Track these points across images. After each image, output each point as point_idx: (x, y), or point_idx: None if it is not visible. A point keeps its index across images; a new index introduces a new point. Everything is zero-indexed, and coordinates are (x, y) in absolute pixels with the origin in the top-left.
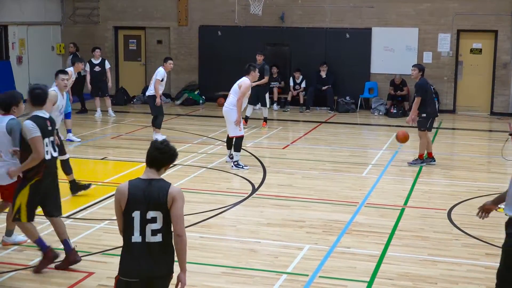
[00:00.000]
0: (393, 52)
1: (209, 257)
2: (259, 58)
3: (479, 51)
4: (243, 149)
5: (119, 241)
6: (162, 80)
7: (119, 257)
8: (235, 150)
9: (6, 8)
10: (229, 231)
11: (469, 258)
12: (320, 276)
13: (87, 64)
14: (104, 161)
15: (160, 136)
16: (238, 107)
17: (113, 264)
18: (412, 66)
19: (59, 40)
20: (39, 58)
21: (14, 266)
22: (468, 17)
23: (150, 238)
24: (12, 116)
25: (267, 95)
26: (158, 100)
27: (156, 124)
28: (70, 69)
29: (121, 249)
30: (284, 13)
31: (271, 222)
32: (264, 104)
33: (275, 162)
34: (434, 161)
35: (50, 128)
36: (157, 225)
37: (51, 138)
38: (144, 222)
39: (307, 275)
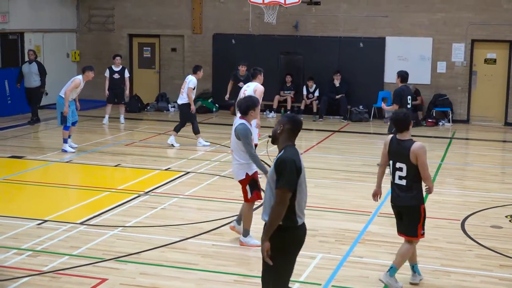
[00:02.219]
0: (407, 62)
1: (222, 265)
2: (242, 68)
3: (494, 61)
4: None
5: (131, 247)
6: (194, 89)
7: (132, 264)
8: None
9: (22, 15)
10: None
11: (482, 269)
12: (332, 286)
13: (107, 70)
14: (118, 168)
15: (203, 142)
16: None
17: (125, 271)
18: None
19: (74, 47)
20: (54, 65)
21: (28, 271)
22: (482, 27)
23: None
24: (243, 121)
25: None
26: (192, 107)
27: (194, 129)
28: (79, 77)
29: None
30: (298, 22)
31: None
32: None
33: None
34: None
35: None
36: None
37: None
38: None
39: (320, 284)
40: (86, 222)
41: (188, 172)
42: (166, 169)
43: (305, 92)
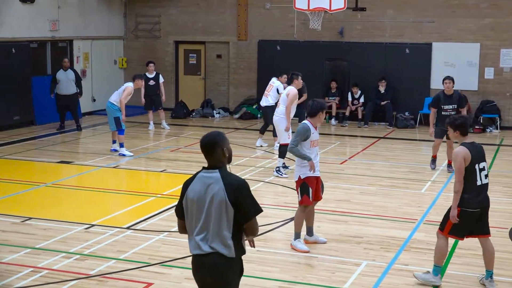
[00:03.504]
0: (454, 68)
1: (266, 271)
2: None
3: None
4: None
5: (177, 252)
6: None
7: (177, 269)
8: (279, 157)
9: (71, 23)
10: (286, 245)
11: None
12: None
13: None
14: (163, 173)
15: (260, 142)
16: (287, 115)
17: (171, 275)
18: (447, 79)
19: (122, 54)
20: (102, 71)
21: (76, 275)
22: None
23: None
24: (305, 121)
25: None
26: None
27: (263, 129)
28: (131, 85)
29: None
30: (343, 28)
31: (328, 237)
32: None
33: (332, 177)
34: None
35: None
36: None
37: None
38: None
39: None
40: (132, 227)
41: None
42: None
43: (350, 98)
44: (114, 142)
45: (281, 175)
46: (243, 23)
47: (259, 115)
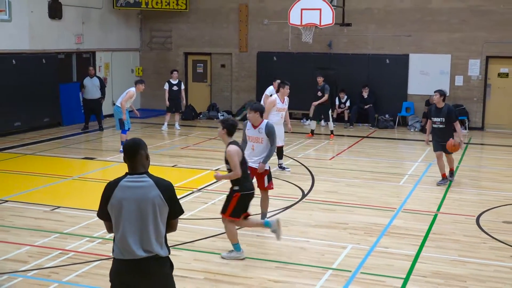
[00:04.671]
0: (428, 76)
1: (265, 253)
2: (320, 79)
3: (506, 75)
4: (294, 159)
5: (186, 237)
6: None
7: (187, 251)
8: (278, 158)
9: (94, 37)
10: (282, 230)
11: (496, 259)
12: (361, 272)
13: (166, 84)
14: (175, 168)
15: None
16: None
17: (181, 257)
18: (435, 92)
19: (138, 64)
20: (120, 79)
21: (99, 256)
22: (496, 45)
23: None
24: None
25: (329, 112)
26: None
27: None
28: (133, 89)
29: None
30: (332, 41)
31: (318, 224)
32: (327, 119)
33: (322, 171)
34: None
35: None
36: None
37: None
38: None
39: (350, 271)
40: None
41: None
42: (216, 169)
43: (337, 103)
44: (122, 143)
45: (285, 169)
46: (244, 37)
47: None
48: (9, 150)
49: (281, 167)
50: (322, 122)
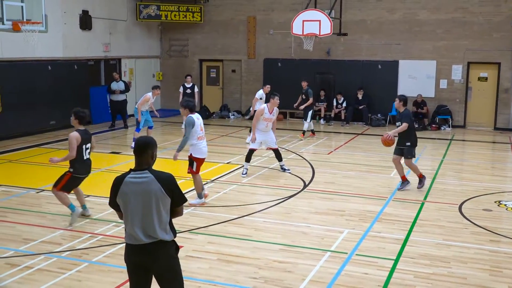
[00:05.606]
0: (415, 80)
1: (270, 237)
2: (304, 84)
3: (485, 79)
4: (297, 154)
5: (201, 222)
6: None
7: (201, 235)
8: (278, 160)
9: (120, 46)
10: (286, 217)
11: (476, 243)
12: (356, 254)
13: (181, 87)
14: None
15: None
16: (252, 128)
17: (196, 240)
18: (396, 98)
19: (158, 69)
20: (143, 83)
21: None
22: (476, 52)
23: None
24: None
25: (309, 112)
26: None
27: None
28: (149, 94)
29: (210, 227)
30: (330, 48)
31: (318, 211)
32: (305, 119)
33: (321, 164)
34: (409, 184)
35: None
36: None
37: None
38: None
39: (346, 253)
40: None
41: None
42: (227, 163)
43: (335, 103)
44: (134, 139)
45: (286, 170)
46: (252, 45)
47: None
48: (45, 145)
49: (282, 169)
50: (322, 121)
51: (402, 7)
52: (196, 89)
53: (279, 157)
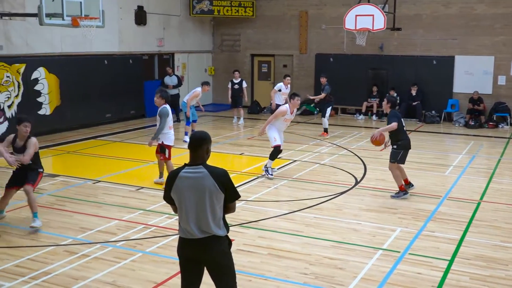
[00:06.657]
0: (472, 76)
1: (321, 233)
2: (323, 80)
3: None
4: (348, 150)
5: (252, 217)
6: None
7: (252, 229)
8: (269, 158)
9: (173, 41)
10: (337, 213)
11: None
12: (409, 253)
13: (229, 83)
14: (241, 156)
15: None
16: (265, 124)
17: (247, 234)
18: (385, 98)
19: (210, 64)
20: (196, 77)
21: (176, 231)
22: None
23: None
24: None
25: (328, 109)
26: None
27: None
28: (198, 90)
29: (260, 221)
30: (383, 44)
31: (370, 208)
32: (323, 115)
33: (373, 161)
34: (412, 186)
35: None
36: None
37: None
38: None
39: (399, 252)
40: None
41: (295, 160)
42: (278, 158)
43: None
44: (186, 133)
45: (268, 174)
46: (304, 40)
47: (315, 112)
48: (101, 137)
49: (265, 168)
50: (374, 117)
51: (458, 1)
52: (244, 85)
53: (275, 154)
